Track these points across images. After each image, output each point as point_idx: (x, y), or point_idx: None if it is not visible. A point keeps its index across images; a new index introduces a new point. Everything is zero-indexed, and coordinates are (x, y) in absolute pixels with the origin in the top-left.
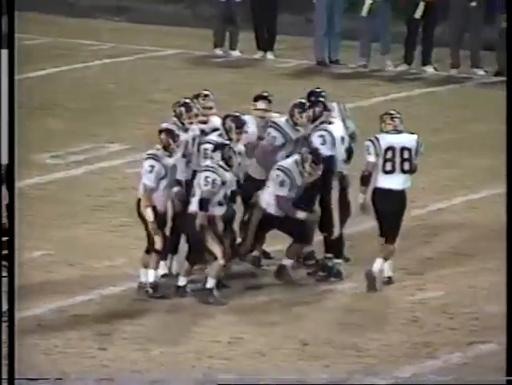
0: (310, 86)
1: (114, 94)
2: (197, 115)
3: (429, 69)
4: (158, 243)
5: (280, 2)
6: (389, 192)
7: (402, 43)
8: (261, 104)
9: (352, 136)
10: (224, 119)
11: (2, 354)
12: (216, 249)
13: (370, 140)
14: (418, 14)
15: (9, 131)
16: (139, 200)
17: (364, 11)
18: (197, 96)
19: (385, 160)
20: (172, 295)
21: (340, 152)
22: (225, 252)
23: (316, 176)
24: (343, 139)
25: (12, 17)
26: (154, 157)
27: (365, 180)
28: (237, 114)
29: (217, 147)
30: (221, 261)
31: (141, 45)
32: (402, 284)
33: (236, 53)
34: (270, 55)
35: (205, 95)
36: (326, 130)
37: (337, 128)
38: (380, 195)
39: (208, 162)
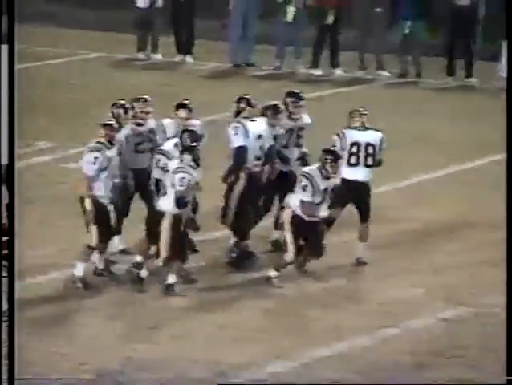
0: (226, 87)
1: (42, 94)
2: (134, 117)
3: (338, 71)
4: (93, 238)
5: (198, 8)
6: (354, 183)
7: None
8: (181, 113)
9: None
10: (182, 132)
11: (2, 354)
12: (164, 248)
13: (337, 135)
14: (329, 20)
15: (9, 131)
16: (82, 197)
17: (289, 17)
18: (137, 100)
19: (350, 154)
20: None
21: (254, 148)
22: (173, 254)
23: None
24: (259, 136)
25: (12, 16)
26: (97, 149)
27: None
28: (194, 129)
29: (186, 148)
30: (160, 262)
31: (69, 48)
32: (317, 271)
33: (157, 56)
34: (189, 58)
35: (145, 100)
36: (240, 122)
37: (255, 125)
38: (347, 185)
39: (176, 163)
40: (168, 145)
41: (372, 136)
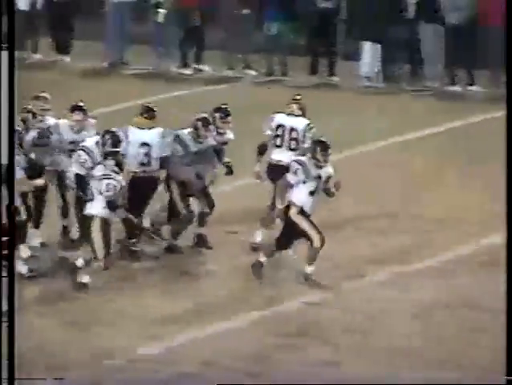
0: (102, 85)
1: None
2: (40, 116)
3: (205, 68)
4: None
5: (75, 10)
6: (278, 164)
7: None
8: (76, 116)
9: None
10: (104, 133)
11: (2, 354)
12: (100, 251)
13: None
14: (197, 22)
15: (9, 131)
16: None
17: (160, 19)
18: (36, 98)
19: (276, 136)
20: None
21: (135, 154)
22: (109, 255)
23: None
24: (144, 144)
25: (12, 17)
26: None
27: (260, 149)
28: (116, 130)
29: (109, 154)
30: (101, 264)
31: None
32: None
33: (37, 56)
34: (67, 58)
35: (45, 98)
36: (124, 130)
37: (141, 133)
38: (272, 166)
39: (102, 170)
40: (90, 142)
41: (297, 122)
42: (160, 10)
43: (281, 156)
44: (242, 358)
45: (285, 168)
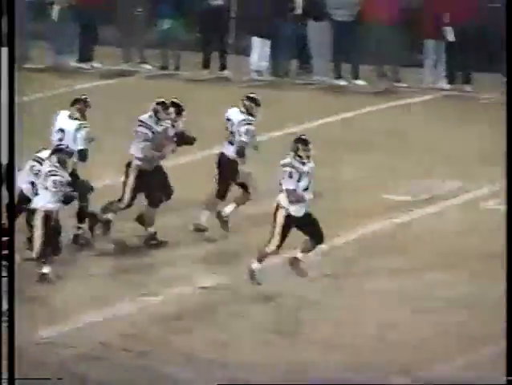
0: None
1: None
2: None
3: (97, 64)
4: None
5: None
6: (223, 156)
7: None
8: None
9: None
10: (54, 150)
11: (2, 354)
12: (37, 242)
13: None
14: (93, 20)
15: (9, 131)
16: None
17: (55, 16)
18: None
19: (226, 128)
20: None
21: (54, 139)
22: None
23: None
24: (60, 130)
25: (12, 17)
26: None
27: None
28: (64, 147)
29: (55, 150)
30: (33, 255)
31: None
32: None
33: None
34: None
35: None
36: (57, 113)
37: (62, 120)
38: (218, 157)
39: (48, 166)
40: (44, 154)
41: (238, 117)
42: (55, 7)
43: (225, 148)
44: (140, 341)
45: (229, 161)
